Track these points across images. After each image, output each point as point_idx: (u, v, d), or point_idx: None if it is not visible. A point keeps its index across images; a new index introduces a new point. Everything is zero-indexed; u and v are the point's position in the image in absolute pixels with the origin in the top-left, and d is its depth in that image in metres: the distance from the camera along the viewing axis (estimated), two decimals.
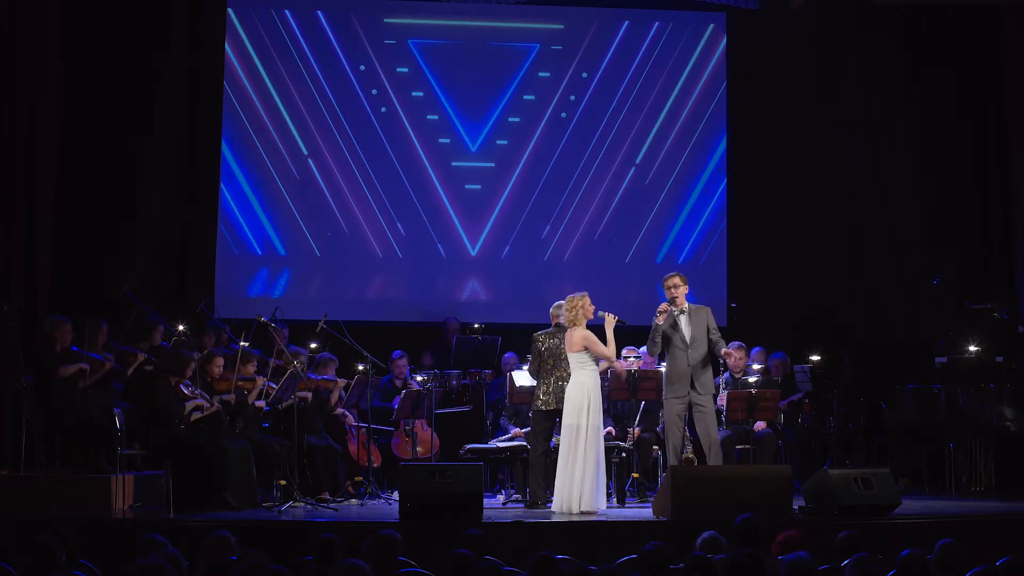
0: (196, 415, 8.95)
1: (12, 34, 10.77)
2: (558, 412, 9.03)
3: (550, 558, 5.18)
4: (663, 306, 9.27)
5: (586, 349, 8.82)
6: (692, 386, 9.07)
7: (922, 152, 12.46)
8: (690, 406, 9.13)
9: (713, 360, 9.38)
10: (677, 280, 9.29)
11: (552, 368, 9.14)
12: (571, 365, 8.89)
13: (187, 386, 9.00)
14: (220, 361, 9.34)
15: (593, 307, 9.00)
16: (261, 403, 9.55)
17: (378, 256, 12.36)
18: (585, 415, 8.71)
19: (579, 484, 8.60)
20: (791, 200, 12.56)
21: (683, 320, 9.19)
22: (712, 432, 9.07)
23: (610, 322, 8.99)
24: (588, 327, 8.95)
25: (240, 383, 9.29)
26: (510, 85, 12.55)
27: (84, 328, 9.29)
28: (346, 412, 10.26)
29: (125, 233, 11.52)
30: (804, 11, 12.44)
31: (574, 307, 8.94)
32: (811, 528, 7.03)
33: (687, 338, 9.13)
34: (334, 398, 10.11)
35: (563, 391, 8.97)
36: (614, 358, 9.11)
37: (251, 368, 9.44)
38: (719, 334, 9.26)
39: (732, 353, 9.64)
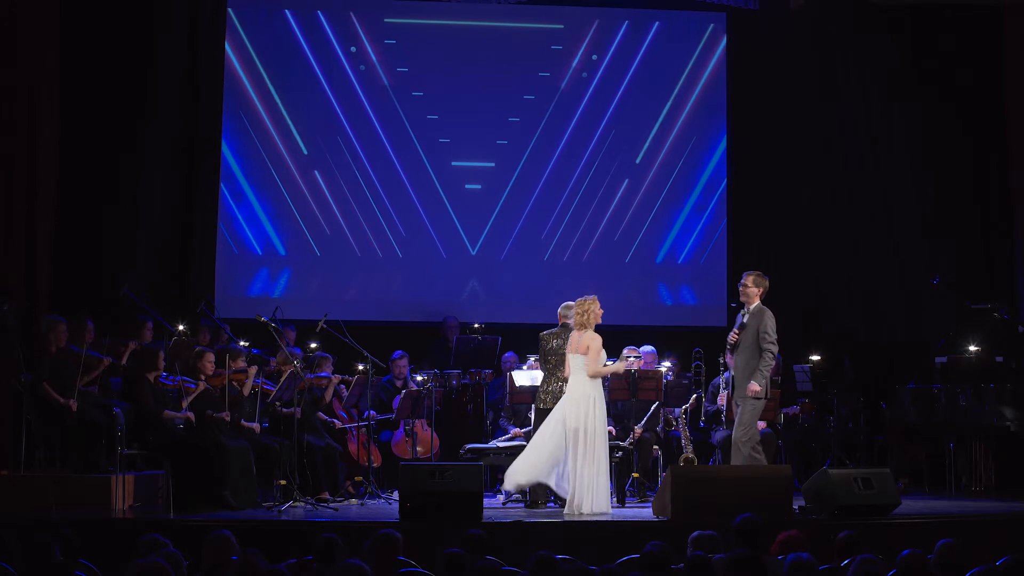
0: (185, 400, 8.97)
1: (12, 34, 10.77)
2: None
3: (550, 558, 5.19)
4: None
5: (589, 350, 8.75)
6: (735, 386, 8.94)
7: (922, 152, 12.46)
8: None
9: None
10: (747, 280, 9.06)
11: (554, 368, 9.13)
12: (571, 367, 8.76)
13: (167, 377, 9.01)
14: (211, 357, 9.34)
15: (602, 311, 8.90)
16: (254, 425, 9.47)
17: (378, 256, 12.36)
18: (587, 418, 8.60)
19: (590, 487, 8.54)
20: (791, 200, 12.56)
21: (745, 321, 8.99)
22: (735, 433, 8.82)
23: (620, 367, 8.95)
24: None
25: (233, 376, 9.29)
26: (510, 85, 12.55)
27: (73, 328, 9.31)
28: (334, 421, 10.25)
29: (125, 233, 11.52)
30: (804, 11, 12.44)
31: (586, 311, 8.78)
32: (811, 528, 7.03)
33: (737, 338, 9.00)
34: (328, 394, 10.10)
35: (563, 391, 8.96)
36: (597, 377, 8.78)
37: (242, 363, 9.44)
38: (768, 340, 8.81)
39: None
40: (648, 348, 10.57)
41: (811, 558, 5.05)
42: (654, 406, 9.85)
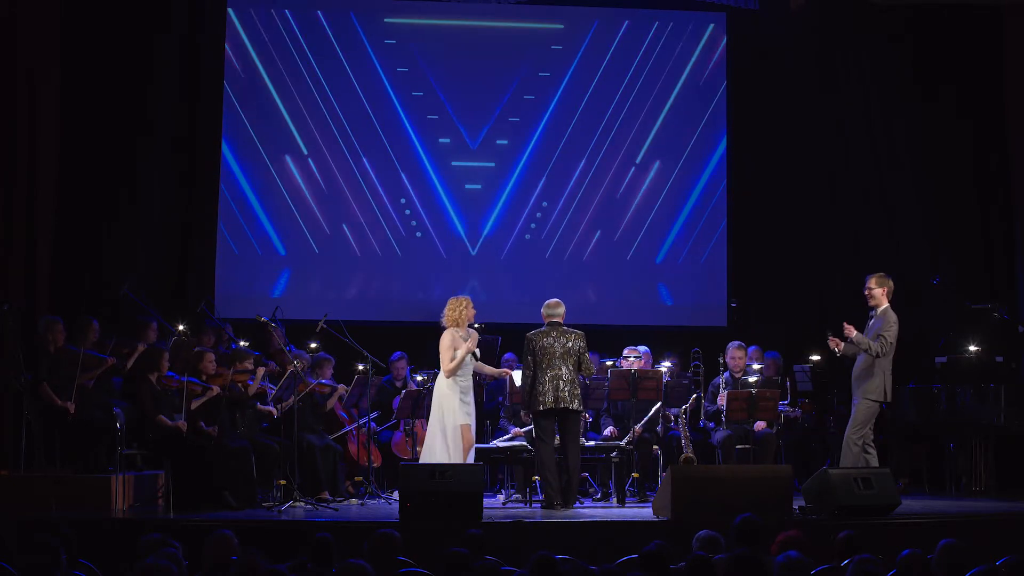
0: (196, 402, 8.98)
1: (12, 35, 10.78)
2: (556, 411, 9.04)
3: (550, 558, 5.19)
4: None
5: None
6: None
7: (922, 152, 12.46)
8: None
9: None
10: (870, 283, 9.40)
11: (547, 367, 9.12)
12: (441, 365, 9.16)
13: (172, 377, 9.00)
14: (212, 357, 9.34)
15: (474, 311, 9.28)
16: (271, 408, 9.55)
17: (378, 256, 12.35)
18: (450, 414, 9.00)
19: None
20: (791, 200, 12.55)
21: (871, 323, 9.33)
22: (847, 432, 9.17)
23: (471, 345, 9.19)
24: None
25: (236, 376, 9.28)
26: (510, 85, 12.54)
27: (75, 328, 9.31)
28: (342, 415, 10.26)
29: (125, 233, 11.52)
30: (804, 11, 12.44)
31: (456, 308, 9.25)
32: (811, 528, 7.04)
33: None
34: (331, 403, 10.09)
35: (560, 389, 8.99)
36: (449, 373, 9.17)
37: (247, 365, 9.44)
38: (882, 336, 9.21)
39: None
40: (643, 348, 10.56)
41: (800, 555, 5.06)
42: (655, 407, 9.85)
